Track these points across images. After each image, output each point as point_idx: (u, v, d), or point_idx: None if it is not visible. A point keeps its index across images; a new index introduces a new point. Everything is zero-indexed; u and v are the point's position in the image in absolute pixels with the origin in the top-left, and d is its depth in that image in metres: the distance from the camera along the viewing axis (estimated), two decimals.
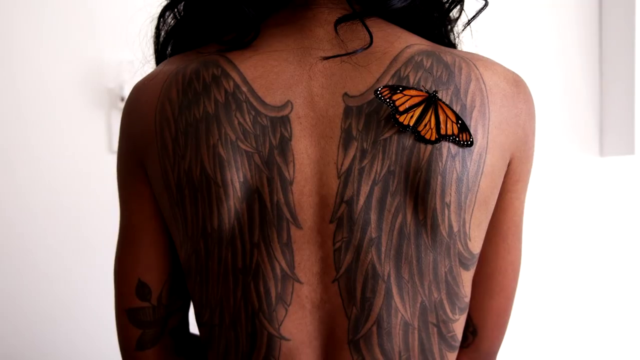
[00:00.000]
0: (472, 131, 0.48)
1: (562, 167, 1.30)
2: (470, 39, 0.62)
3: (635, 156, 1.14)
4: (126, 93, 1.28)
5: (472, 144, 0.47)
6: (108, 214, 1.33)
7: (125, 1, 1.31)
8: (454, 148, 0.47)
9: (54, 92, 1.33)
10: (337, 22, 0.49)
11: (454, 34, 0.59)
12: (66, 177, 1.33)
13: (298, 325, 0.49)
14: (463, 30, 0.59)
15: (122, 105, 1.28)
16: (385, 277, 0.48)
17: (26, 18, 1.33)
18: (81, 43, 1.32)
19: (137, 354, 0.57)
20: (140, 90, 0.53)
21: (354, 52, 0.49)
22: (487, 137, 0.49)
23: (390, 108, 0.46)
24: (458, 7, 0.57)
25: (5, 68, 1.33)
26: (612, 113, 1.20)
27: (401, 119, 0.46)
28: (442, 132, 0.47)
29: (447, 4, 0.56)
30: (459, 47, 0.60)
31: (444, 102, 0.48)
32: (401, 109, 0.46)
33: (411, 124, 0.47)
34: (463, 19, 0.59)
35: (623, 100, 1.16)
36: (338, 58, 0.49)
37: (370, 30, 0.49)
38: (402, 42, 0.50)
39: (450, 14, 0.58)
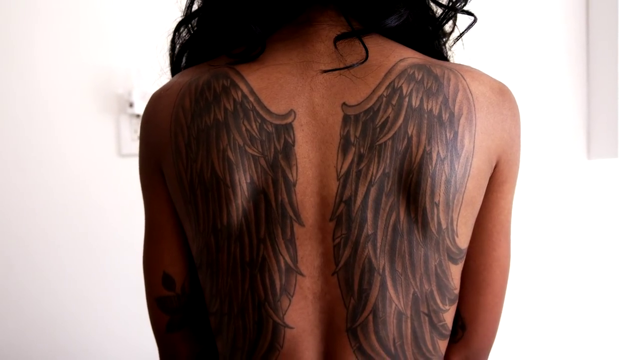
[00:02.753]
0: (459, 137, 0.51)
1: (551, 169, 1.33)
2: (462, 50, 0.66)
3: (619, 159, 1.19)
4: (134, 99, 1.32)
5: None
6: (117, 214, 1.37)
7: (134, 12, 1.35)
8: (442, 152, 0.51)
9: (65, 97, 1.37)
10: (337, 39, 0.53)
11: (445, 48, 0.63)
12: (76, 179, 1.37)
13: (301, 314, 0.52)
14: (454, 44, 0.63)
15: (130, 110, 1.32)
16: (381, 270, 0.51)
17: (39, 29, 1.37)
18: (91, 51, 1.36)
19: (167, 335, 0.62)
20: (157, 99, 0.58)
21: (351, 66, 0.53)
22: (474, 142, 0.52)
23: None
24: (450, 22, 0.62)
25: (19, 75, 1.38)
26: (599, 117, 1.24)
27: None
28: None
29: (439, 20, 0.60)
30: (450, 58, 0.65)
31: None
32: None
33: None
34: (455, 32, 0.64)
35: (608, 105, 1.20)
36: (337, 71, 0.53)
37: (367, 45, 0.53)
38: (396, 56, 0.54)
39: (443, 29, 0.62)
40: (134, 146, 1.35)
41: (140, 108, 1.32)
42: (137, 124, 1.35)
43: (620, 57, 1.14)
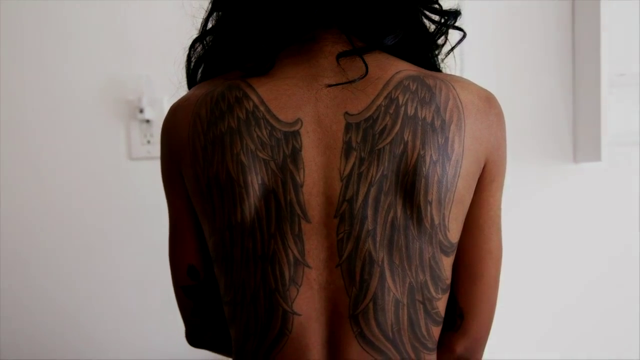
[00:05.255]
0: (450, 142, 0.56)
1: (539, 172, 1.37)
2: (452, 59, 0.71)
3: (602, 162, 1.25)
4: (144, 105, 1.36)
5: None
6: (127, 213, 1.42)
7: (143, 25, 1.40)
8: (435, 156, 0.56)
9: (79, 104, 1.42)
10: (339, 56, 0.58)
11: (438, 60, 0.67)
12: (89, 181, 1.42)
13: (307, 302, 0.57)
14: (446, 56, 0.69)
15: (140, 116, 1.36)
16: (380, 262, 0.56)
17: (55, 40, 1.42)
18: (104, 60, 1.41)
19: (193, 319, 0.68)
20: (177, 109, 0.63)
21: (353, 81, 0.57)
22: (463, 146, 0.57)
23: None
24: (442, 36, 0.67)
25: (35, 82, 1.43)
26: (584, 122, 1.30)
27: None
28: None
29: (432, 35, 0.65)
30: (443, 69, 0.69)
31: None
32: None
33: None
34: (447, 45, 0.69)
35: (592, 110, 1.26)
36: (340, 83, 0.58)
37: (366, 59, 0.58)
38: (393, 69, 0.59)
39: (436, 42, 0.67)
40: (143, 150, 1.40)
41: (149, 114, 1.37)
42: (146, 129, 1.40)
43: (603, 60, 1.20)
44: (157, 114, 1.38)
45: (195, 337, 0.70)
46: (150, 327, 1.43)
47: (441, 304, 0.60)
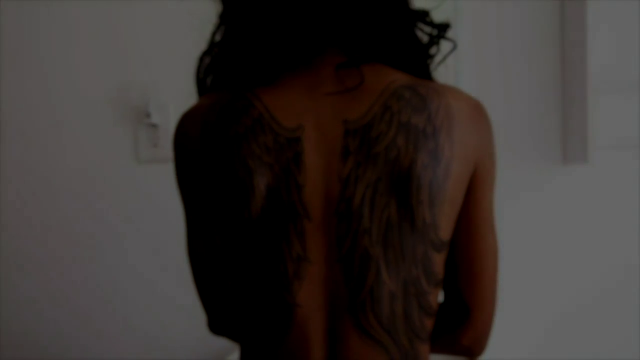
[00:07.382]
0: (440, 147, 0.60)
1: (529, 174, 1.40)
2: (445, 68, 0.76)
3: (589, 164, 1.29)
4: (151, 109, 1.40)
5: None
6: (134, 215, 1.45)
7: (151, 29, 1.42)
8: (426, 160, 0.60)
9: (87, 109, 1.45)
10: (338, 67, 0.63)
11: (429, 69, 0.72)
12: (97, 183, 1.46)
13: (309, 296, 0.60)
14: (438, 65, 0.73)
15: (147, 120, 1.40)
16: (376, 258, 0.59)
17: (62, 44, 1.46)
18: (112, 66, 1.44)
19: (212, 309, 0.71)
20: (187, 117, 0.67)
21: (351, 89, 0.62)
22: (453, 151, 0.61)
23: None
24: (435, 47, 0.71)
25: (43, 88, 1.46)
26: (572, 124, 1.33)
27: None
28: None
29: (425, 46, 0.69)
30: (435, 77, 0.74)
31: None
32: None
33: None
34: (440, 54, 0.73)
35: (579, 113, 1.30)
36: (338, 92, 0.63)
37: (362, 69, 0.62)
38: (388, 78, 0.63)
39: (429, 52, 0.72)
40: (150, 153, 1.44)
41: (156, 118, 1.41)
42: (153, 133, 1.43)
43: (589, 64, 1.24)
44: (164, 118, 1.42)
45: (214, 326, 0.74)
46: (156, 328, 1.46)
47: (433, 298, 0.64)
